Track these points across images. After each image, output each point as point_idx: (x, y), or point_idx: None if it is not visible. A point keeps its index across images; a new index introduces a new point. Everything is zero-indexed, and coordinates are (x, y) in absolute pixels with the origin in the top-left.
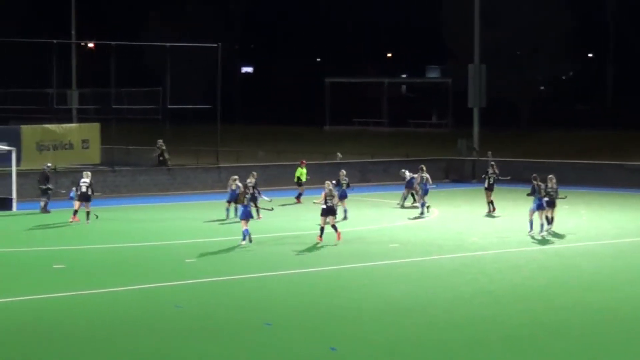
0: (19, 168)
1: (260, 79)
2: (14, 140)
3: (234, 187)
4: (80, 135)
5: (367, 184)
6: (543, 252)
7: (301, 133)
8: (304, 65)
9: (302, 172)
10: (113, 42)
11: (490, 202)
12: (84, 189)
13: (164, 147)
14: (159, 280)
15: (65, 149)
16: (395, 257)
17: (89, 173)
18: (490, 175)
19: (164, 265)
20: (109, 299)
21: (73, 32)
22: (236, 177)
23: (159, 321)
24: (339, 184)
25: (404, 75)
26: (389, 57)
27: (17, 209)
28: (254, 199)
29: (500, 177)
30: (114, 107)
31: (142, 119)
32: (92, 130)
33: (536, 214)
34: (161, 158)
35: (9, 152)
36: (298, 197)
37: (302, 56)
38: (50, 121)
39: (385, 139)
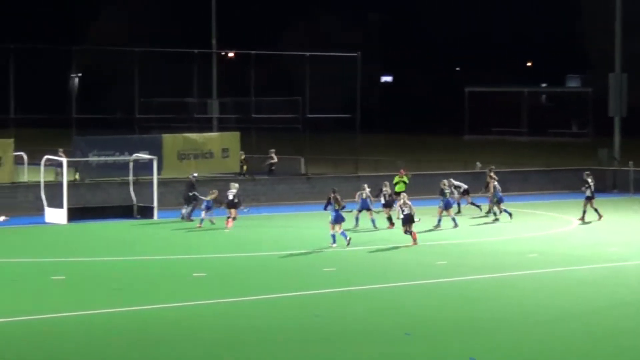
0: (160, 177)
1: (399, 88)
2: (156, 149)
3: (364, 195)
4: (220, 144)
5: (506, 193)
6: None
7: (440, 142)
8: (443, 74)
9: (398, 182)
10: (253, 52)
11: (596, 210)
12: (230, 197)
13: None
14: (298, 289)
15: (206, 157)
16: (534, 268)
17: (237, 185)
18: (590, 185)
19: (303, 274)
20: (247, 307)
21: (214, 42)
22: (365, 185)
23: (298, 330)
24: (442, 194)
25: (543, 85)
26: (528, 66)
27: (158, 217)
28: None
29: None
30: (253, 116)
31: (281, 128)
32: (232, 139)
33: None
34: (273, 168)
35: (151, 160)
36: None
37: (441, 65)
38: (191, 130)
39: (524, 149)
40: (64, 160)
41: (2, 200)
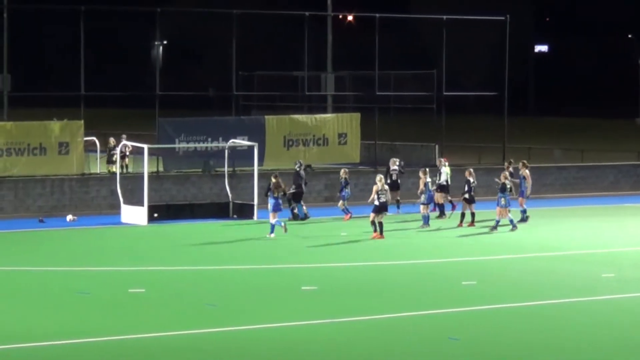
0: (262, 167)
1: (557, 60)
2: (257, 133)
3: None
4: (336, 128)
5: None
6: None
7: (608, 126)
8: (612, 43)
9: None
10: (378, 14)
11: None
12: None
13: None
14: (428, 307)
15: (319, 144)
16: None
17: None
18: None
19: (435, 288)
20: (365, 329)
21: (329, 2)
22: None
23: (429, 355)
24: (503, 189)
25: None
26: None
27: (259, 217)
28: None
29: None
30: (378, 93)
31: (411, 109)
32: (351, 122)
33: None
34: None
35: (251, 148)
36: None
37: (610, 31)
38: (300, 110)
39: None
40: (145, 147)
41: (69, 196)
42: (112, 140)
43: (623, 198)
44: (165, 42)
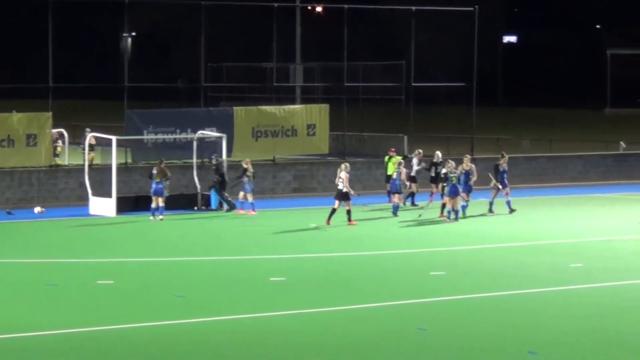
0: (230, 159)
1: (526, 51)
2: (225, 124)
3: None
4: (305, 119)
5: None
6: None
7: (576, 117)
8: (580, 34)
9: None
10: (346, 6)
11: None
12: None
13: None
14: (397, 298)
15: (287, 135)
16: None
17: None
18: None
19: (403, 278)
20: (334, 319)
21: None
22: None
23: (397, 347)
24: (446, 179)
25: None
26: None
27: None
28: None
29: None
30: (346, 84)
31: (380, 99)
32: (319, 113)
33: None
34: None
35: (219, 139)
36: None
37: (577, 23)
38: (269, 102)
39: None
40: (113, 138)
41: (37, 188)
42: (55, 133)
43: (591, 188)
44: (134, 33)
